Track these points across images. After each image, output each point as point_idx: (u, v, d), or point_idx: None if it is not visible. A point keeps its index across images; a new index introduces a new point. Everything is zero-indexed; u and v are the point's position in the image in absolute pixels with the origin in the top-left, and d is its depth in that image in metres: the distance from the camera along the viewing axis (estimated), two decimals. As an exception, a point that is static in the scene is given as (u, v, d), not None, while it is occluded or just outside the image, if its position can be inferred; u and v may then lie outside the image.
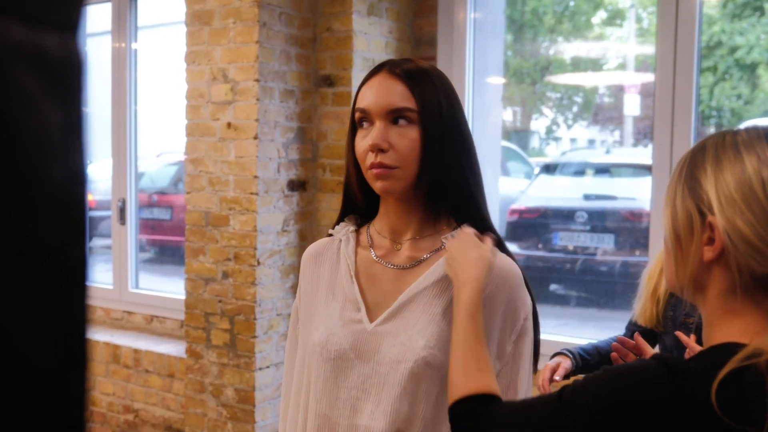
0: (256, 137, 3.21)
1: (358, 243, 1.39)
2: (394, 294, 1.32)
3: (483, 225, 1.34)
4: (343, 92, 3.36)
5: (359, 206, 1.39)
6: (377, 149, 1.27)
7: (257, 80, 3.19)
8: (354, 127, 1.34)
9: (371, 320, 1.31)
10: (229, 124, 3.28)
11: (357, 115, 1.32)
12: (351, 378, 1.29)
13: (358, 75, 3.35)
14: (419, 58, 3.72)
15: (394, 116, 1.28)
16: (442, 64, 3.51)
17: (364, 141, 1.30)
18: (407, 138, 1.27)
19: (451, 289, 1.26)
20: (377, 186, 1.29)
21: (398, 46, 3.53)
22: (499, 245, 1.34)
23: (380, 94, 1.28)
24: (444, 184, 1.30)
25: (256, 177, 3.22)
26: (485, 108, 3.81)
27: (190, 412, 3.50)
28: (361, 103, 1.31)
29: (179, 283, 3.72)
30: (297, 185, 3.41)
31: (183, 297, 3.72)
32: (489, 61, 3.77)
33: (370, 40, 3.40)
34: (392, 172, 1.27)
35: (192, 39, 3.36)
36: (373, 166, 1.28)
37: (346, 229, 1.41)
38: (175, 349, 3.89)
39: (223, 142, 3.31)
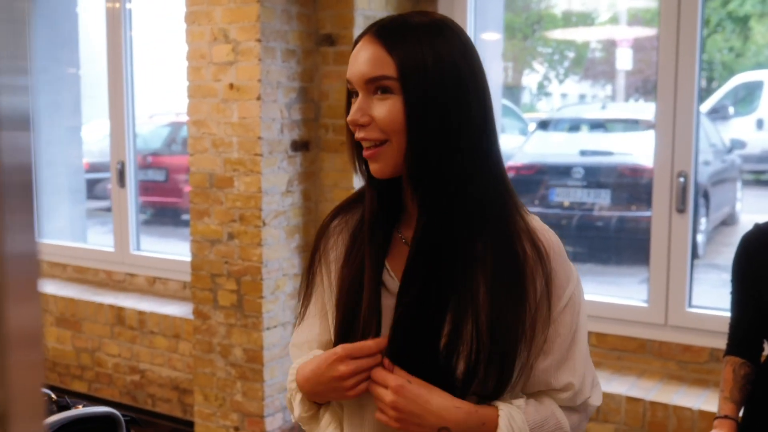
0: (259, 98, 3.19)
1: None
2: None
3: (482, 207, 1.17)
4: (345, 51, 3.33)
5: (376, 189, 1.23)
6: (357, 125, 1.17)
7: (259, 40, 3.16)
8: (350, 100, 1.22)
9: None
10: (231, 85, 3.25)
11: (348, 86, 1.21)
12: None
13: (359, 33, 3.32)
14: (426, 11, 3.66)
15: (374, 86, 1.15)
16: (443, 21, 3.48)
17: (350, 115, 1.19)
18: (388, 110, 1.14)
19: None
20: (372, 169, 1.18)
21: (399, 2, 3.50)
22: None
23: (358, 62, 1.17)
24: (433, 164, 1.13)
25: (260, 138, 3.21)
26: (486, 65, 3.78)
27: (198, 372, 3.54)
28: (347, 73, 1.20)
29: (177, 245, 3.73)
30: (300, 146, 3.40)
31: (185, 258, 3.72)
32: (489, 17, 3.74)
33: (371, -2, 3.36)
34: (380, 150, 1.15)
35: (191, -1, 3.32)
36: (360, 142, 1.18)
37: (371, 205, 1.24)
38: (179, 310, 3.91)
39: (225, 104, 3.29)
